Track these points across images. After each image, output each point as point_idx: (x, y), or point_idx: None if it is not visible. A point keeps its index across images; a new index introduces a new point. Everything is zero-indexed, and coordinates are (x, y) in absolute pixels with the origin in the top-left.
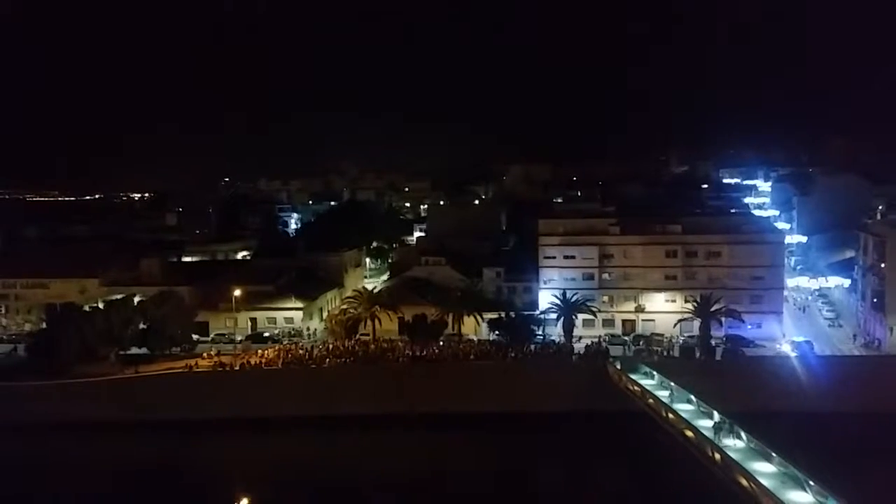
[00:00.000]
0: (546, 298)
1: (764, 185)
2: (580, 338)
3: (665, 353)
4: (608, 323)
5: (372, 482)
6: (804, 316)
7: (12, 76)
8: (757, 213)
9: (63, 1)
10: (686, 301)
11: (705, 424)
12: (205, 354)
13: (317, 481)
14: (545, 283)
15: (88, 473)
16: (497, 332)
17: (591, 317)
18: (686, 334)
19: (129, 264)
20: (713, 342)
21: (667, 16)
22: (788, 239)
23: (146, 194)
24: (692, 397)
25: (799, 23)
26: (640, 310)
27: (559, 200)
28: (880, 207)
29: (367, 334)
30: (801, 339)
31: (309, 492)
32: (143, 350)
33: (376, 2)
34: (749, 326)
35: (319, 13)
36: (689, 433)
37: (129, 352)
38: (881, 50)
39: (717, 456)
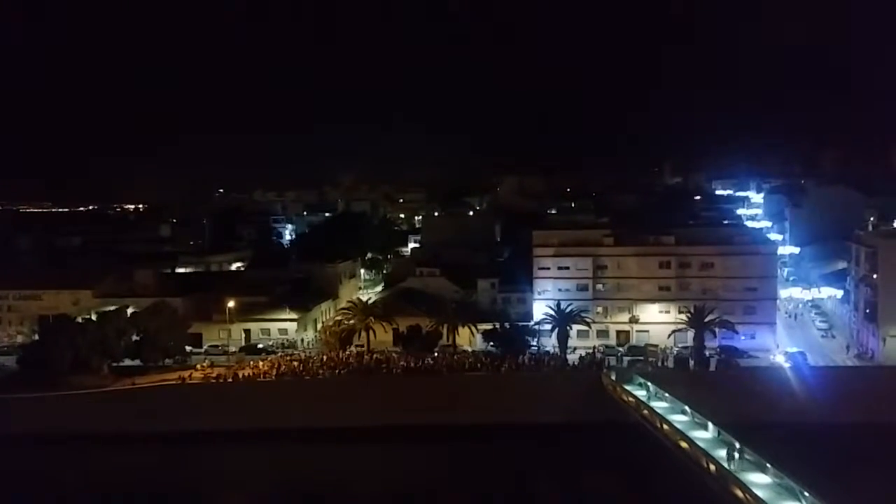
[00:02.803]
0: (540, 309)
1: (756, 197)
2: (575, 349)
3: (659, 364)
4: (602, 334)
5: (365, 494)
6: (797, 327)
7: (7, 83)
8: (749, 224)
9: (56, 6)
10: (680, 312)
11: (700, 435)
12: (198, 366)
13: (310, 493)
14: (539, 293)
15: (81, 486)
16: (492, 343)
17: (585, 328)
18: (680, 345)
19: (122, 276)
20: (707, 353)
21: (661, 29)
22: (781, 250)
23: (140, 205)
24: (686, 408)
25: (794, 36)
26: (634, 321)
27: (553, 212)
28: (872, 218)
29: (362, 345)
30: (794, 349)
31: None
32: (137, 362)
33: (373, 13)
34: (742, 337)
35: (317, 23)
36: (684, 444)
37: (122, 363)
38: (875, 62)
39: (712, 467)
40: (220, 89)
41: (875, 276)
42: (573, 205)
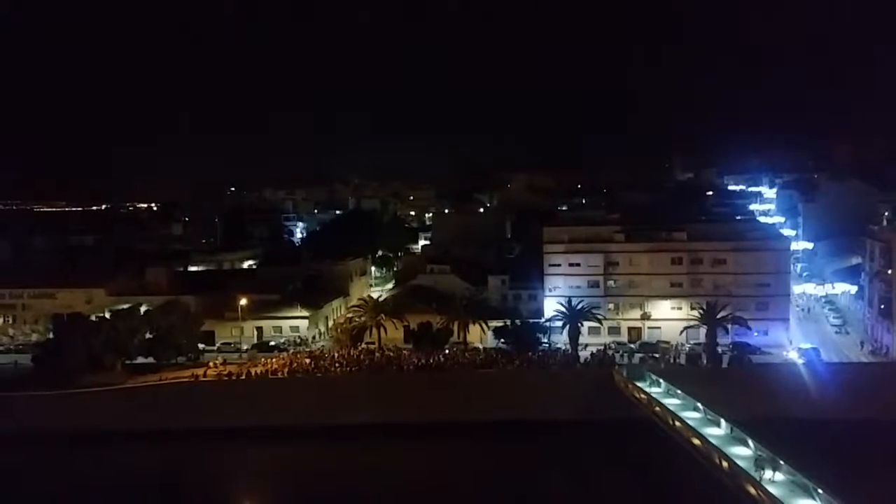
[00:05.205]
0: (551, 306)
1: (769, 192)
2: (586, 345)
3: (671, 361)
4: (614, 330)
5: (377, 491)
6: (811, 322)
7: (13, 83)
8: (762, 219)
9: (58, 5)
10: (692, 308)
11: (713, 432)
12: (211, 364)
13: (322, 491)
14: (550, 290)
15: (94, 483)
16: (503, 340)
17: (596, 324)
18: (692, 341)
19: (135, 274)
20: (719, 349)
21: (670, 23)
22: (794, 245)
23: (152, 204)
24: (699, 405)
25: (802, 26)
26: (645, 317)
27: (564, 208)
28: (886, 213)
29: (373, 343)
30: (807, 346)
31: (314, 502)
32: (150, 360)
33: (379, 8)
34: (755, 333)
35: (326, 21)
36: (697, 441)
37: (135, 361)
38: (889, 54)
39: (725, 464)
40: (230, 88)
41: (889, 271)
42: (584, 201)
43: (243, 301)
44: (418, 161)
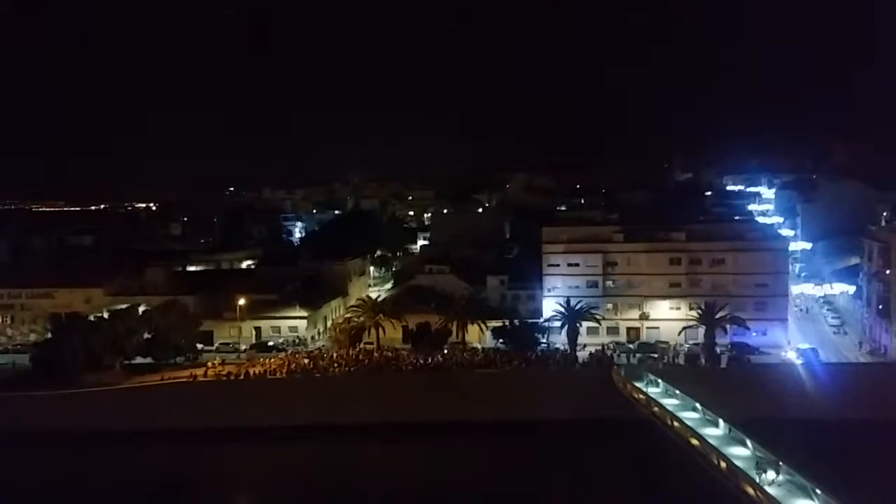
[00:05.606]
0: (550, 306)
1: (768, 192)
2: (584, 346)
3: (670, 361)
4: (613, 331)
5: (376, 492)
6: (809, 323)
7: (12, 82)
8: (761, 220)
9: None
10: (690, 308)
11: (711, 432)
12: (209, 364)
13: (320, 491)
14: (549, 290)
15: (91, 484)
16: (501, 341)
17: (595, 324)
18: (691, 342)
19: (133, 274)
20: (718, 350)
21: (667, 23)
22: (792, 246)
23: (151, 204)
24: (697, 405)
25: (800, 26)
26: (644, 317)
27: (563, 208)
28: (885, 213)
29: (372, 343)
30: (806, 346)
31: (313, 502)
32: (148, 359)
33: (379, 8)
34: (754, 334)
35: (319, 22)
36: (695, 441)
37: (134, 361)
38: (886, 55)
39: (723, 464)
40: (229, 88)
41: (888, 271)
42: (583, 201)
43: (242, 301)
44: (418, 161)
